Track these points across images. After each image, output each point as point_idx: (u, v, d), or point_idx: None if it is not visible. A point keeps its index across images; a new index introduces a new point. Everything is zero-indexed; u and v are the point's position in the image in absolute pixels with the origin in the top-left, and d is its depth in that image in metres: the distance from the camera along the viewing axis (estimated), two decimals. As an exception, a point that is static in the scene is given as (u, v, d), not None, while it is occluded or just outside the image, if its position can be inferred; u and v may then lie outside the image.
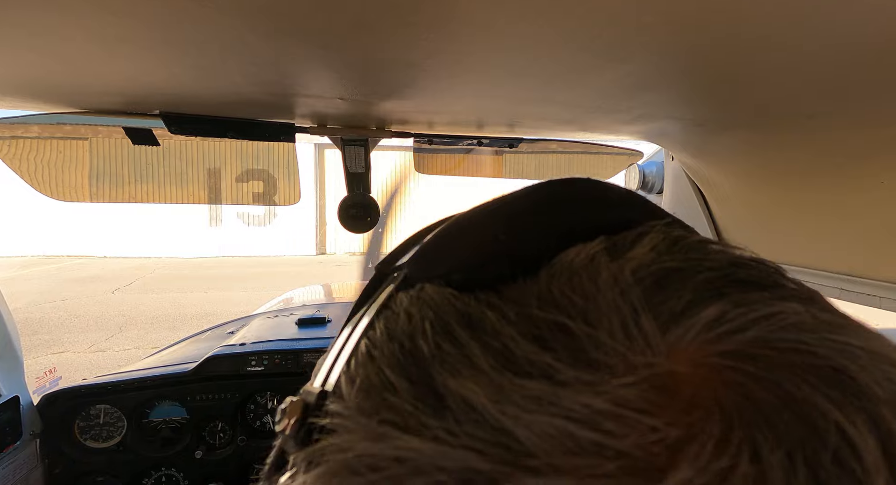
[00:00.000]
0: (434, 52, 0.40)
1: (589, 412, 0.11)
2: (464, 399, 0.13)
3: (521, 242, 0.17)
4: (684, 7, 0.30)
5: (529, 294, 0.15)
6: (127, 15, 0.34)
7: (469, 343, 0.14)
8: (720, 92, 0.49)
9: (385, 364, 0.15)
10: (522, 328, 0.14)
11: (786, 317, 0.13)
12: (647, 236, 0.17)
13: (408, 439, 0.13)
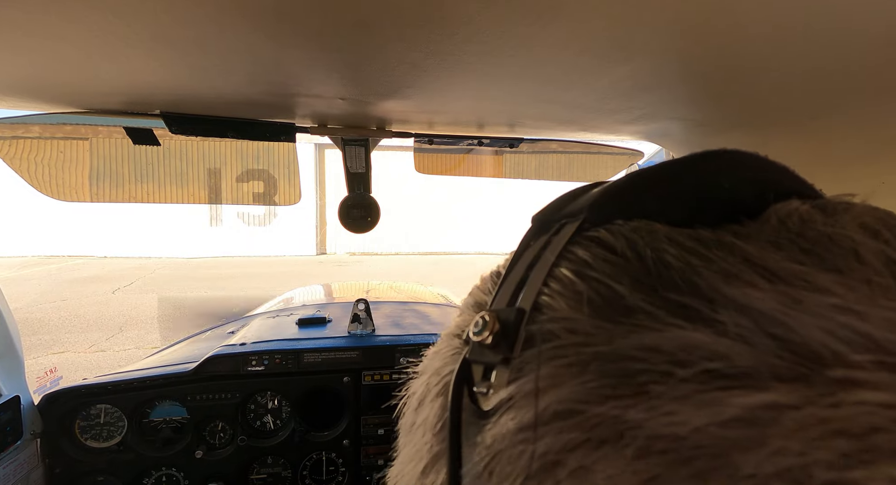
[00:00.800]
0: (434, 52, 0.40)
1: (890, 315, 0.11)
2: (740, 303, 0.12)
3: (737, 190, 0.17)
4: (685, 8, 0.30)
5: (763, 233, 0.15)
6: (128, 15, 0.34)
7: (725, 257, 0.14)
8: (721, 92, 0.49)
9: (612, 280, 0.15)
10: (777, 252, 0.14)
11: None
12: (854, 205, 0.16)
13: (675, 331, 0.13)
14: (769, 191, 0.17)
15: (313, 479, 1.17)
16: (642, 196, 0.17)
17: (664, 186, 0.18)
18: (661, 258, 0.15)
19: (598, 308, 0.14)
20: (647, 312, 0.13)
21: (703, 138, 0.71)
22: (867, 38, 0.32)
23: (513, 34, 0.36)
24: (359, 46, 0.40)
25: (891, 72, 0.37)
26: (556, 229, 0.18)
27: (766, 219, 0.15)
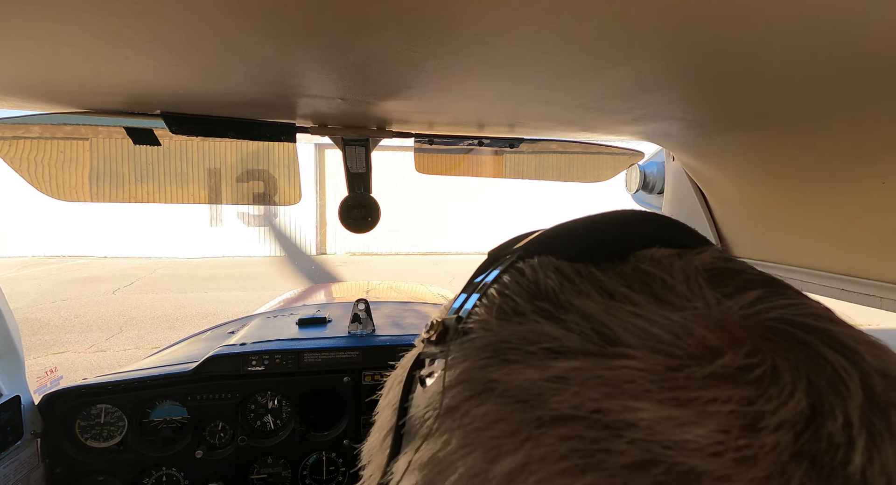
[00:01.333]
0: (435, 52, 0.40)
1: (666, 322, 0.18)
2: (581, 309, 0.19)
3: (614, 239, 0.24)
4: (685, 8, 0.30)
5: (621, 267, 0.22)
6: (128, 15, 0.34)
7: (583, 283, 0.21)
8: (721, 92, 0.49)
9: (516, 296, 0.22)
10: (619, 281, 0.21)
11: (808, 309, 0.19)
12: (707, 251, 0.23)
13: (534, 325, 0.19)
14: (641, 241, 0.23)
15: (313, 479, 1.17)
16: (556, 242, 0.25)
17: (572, 236, 0.25)
18: (544, 280, 0.22)
19: (503, 313, 0.21)
20: (525, 313, 0.20)
21: (702, 138, 0.71)
22: (868, 38, 0.32)
23: (513, 34, 0.36)
24: (359, 46, 0.40)
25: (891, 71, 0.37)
26: (500, 262, 0.25)
27: (630, 261, 0.22)
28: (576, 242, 0.24)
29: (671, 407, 0.15)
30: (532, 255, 0.24)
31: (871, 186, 0.54)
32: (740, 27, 0.32)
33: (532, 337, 0.19)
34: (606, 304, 0.19)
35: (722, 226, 0.89)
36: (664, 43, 0.36)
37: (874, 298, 0.62)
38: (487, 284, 0.24)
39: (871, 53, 0.34)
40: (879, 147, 0.50)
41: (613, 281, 0.20)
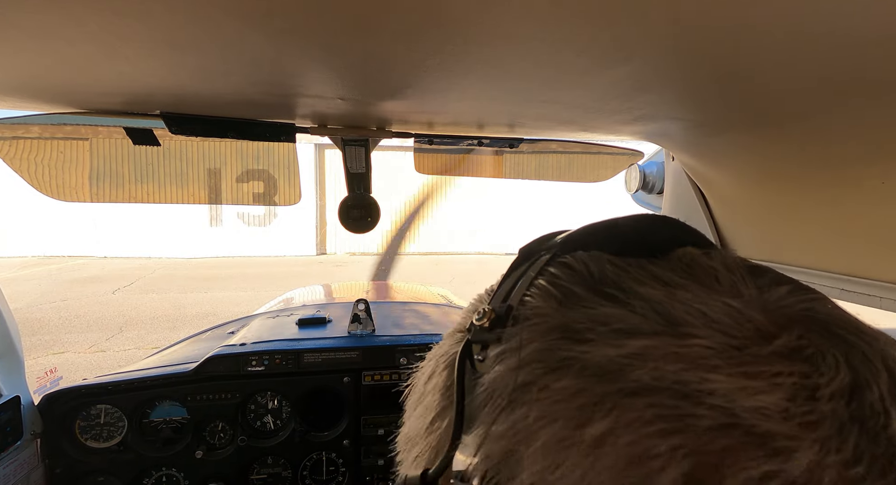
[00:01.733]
0: (434, 52, 0.40)
1: (725, 307, 0.20)
2: (643, 295, 0.21)
3: (655, 238, 0.26)
4: (685, 8, 0.30)
5: (666, 262, 0.24)
6: (128, 15, 0.34)
7: (640, 273, 0.23)
8: (720, 93, 0.49)
9: (573, 285, 0.23)
10: (671, 273, 0.23)
11: (827, 302, 0.22)
12: (728, 252, 0.25)
13: (602, 309, 0.21)
14: (676, 242, 0.26)
15: (313, 479, 1.17)
16: (597, 239, 0.26)
17: (613, 233, 0.27)
18: (602, 271, 0.24)
19: (560, 300, 0.23)
20: (588, 299, 0.22)
21: (702, 138, 0.71)
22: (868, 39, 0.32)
23: (513, 34, 0.36)
24: (359, 47, 0.40)
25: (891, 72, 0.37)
26: (537, 258, 0.27)
27: (670, 257, 0.25)
28: (617, 239, 0.26)
29: (743, 379, 0.17)
30: (574, 250, 0.26)
31: (871, 186, 0.54)
32: (740, 27, 0.32)
33: (602, 319, 0.21)
34: (666, 291, 0.21)
35: (721, 226, 0.89)
36: (664, 43, 0.36)
37: (874, 298, 0.62)
38: (533, 276, 0.25)
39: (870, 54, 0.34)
40: (879, 147, 0.50)
41: (666, 272, 0.23)
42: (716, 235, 0.90)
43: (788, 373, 0.17)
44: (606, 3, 0.30)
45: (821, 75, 0.40)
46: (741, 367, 0.17)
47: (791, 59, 0.37)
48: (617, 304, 0.21)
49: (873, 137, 0.49)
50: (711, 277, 0.22)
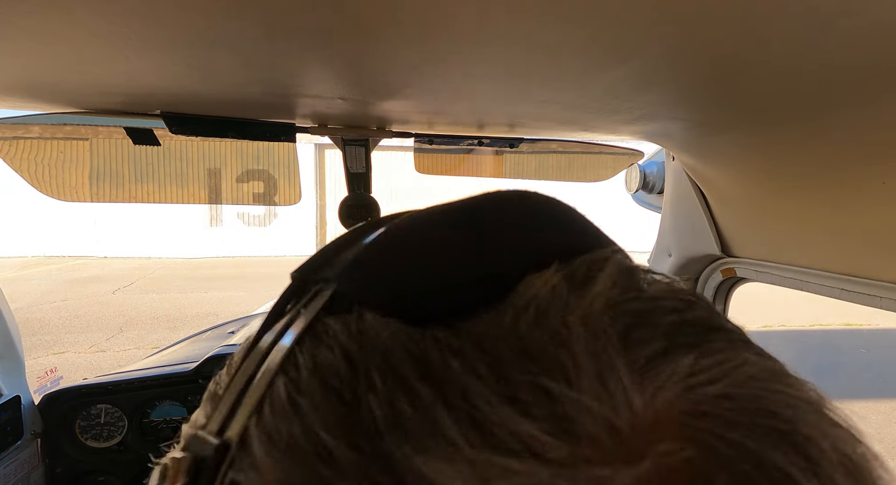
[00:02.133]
0: (434, 52, 0.40)
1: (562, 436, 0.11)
2: (426, 475, 0.11)
3: (487, 262, 0.15)
4: (685, 8, 0.30)
5: (495, 336, 0.13)
6: (128, 15, 0.34)
7: (434, 405, 0.12)
8: (721, 92, 0.49)
9: (319, 423, 0.12)
10: (496, 387, 0.12)
11: (746, 369, 0.13)
12: (606, 267, 0.16)
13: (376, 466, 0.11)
14: (519, 263, 0.16)
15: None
16: (391, 279, 0.16)
17: (420, 268, 0.16)
18: (361, 405, 0.12)
19: (292, 467, 0.12)
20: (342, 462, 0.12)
21: (703, 138, 0.71)
22: (868, 39, 0.32)
23: (513, 34, 0.36)
24: (359, 46, 0.40)
25: (891, 72, 0.37)
26: (306, 300, 0.16)
27: (507, 309, 0.14)
28: (418, 271, 0.15)
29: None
30: (350, 299, 0.15)
31: (872, 186, 0.54)
32: (740, 27, 0.32)
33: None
34: (475, 462, 0.11)
35: (722, 226, 0.89)
36: (664, 43, 0.36)
37: (874, 298, 0.62)
38: (278, 365, 0.14)
39: (870, 54, 0.34)
40: (879, 147, 0.50)
41: (484, 383, 0.12)
42: (716, 235, 0.90)
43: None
44: (606, 3, 0.30)
45: (821, 75, 0.40)
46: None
47: (791, 59, 0.37)
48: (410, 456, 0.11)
49: (873, 137, 0.49)
50: (559, 368, 0.12)
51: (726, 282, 0.97)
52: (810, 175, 0.62)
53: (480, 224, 0.17)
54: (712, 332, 0.15)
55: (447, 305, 0.14)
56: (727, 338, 0.15)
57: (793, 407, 0.13)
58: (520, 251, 0.16)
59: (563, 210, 0.19)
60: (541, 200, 0.18)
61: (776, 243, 0.78)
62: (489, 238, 0.16)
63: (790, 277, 0.76)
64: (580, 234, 0.18)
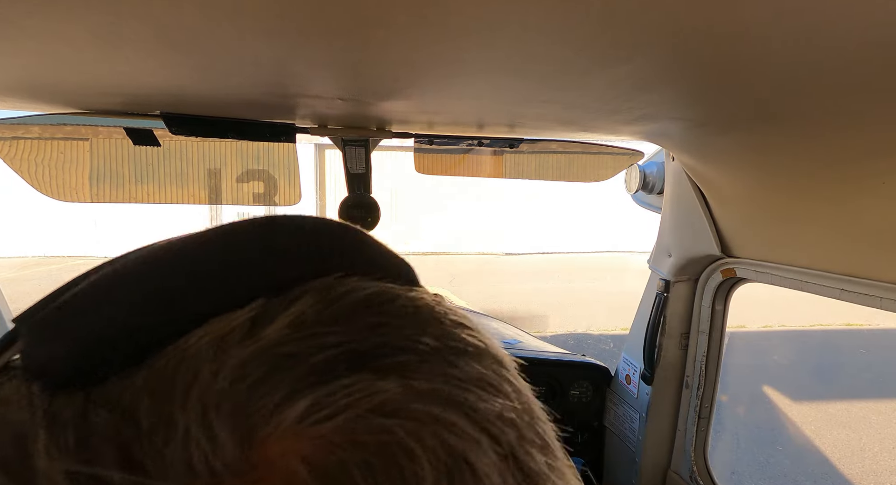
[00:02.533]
0: (434, 52, 0.40)
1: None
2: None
3: (171, 309, 0.15)
4: (685, 8, 0.30)
5: (113, 398, 0.13)
6: (128, 16, 0.34)
7: (49, 468, 0.12)
8: (721, 93, 0.49)
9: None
10: (107, 447, 0.12)
11: (372, 399, 0.13)
12: (298, 302, 0.15)
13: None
14: (227, 303, 0.15)
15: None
16: (61, 326, 0.15)
17: (92, 315, 0.15)
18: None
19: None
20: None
21: (702, 138, 0.71)
22: (867, 39, 0.32)
23: (512, 34, 0.36)
24: (359, 47, 0.40)
25: (891, 72, 0.37)
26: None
27: (140, 369, 0.14)
28: (78, 330, 0.15)
29: None
30: (24, 355, 0.15)
31: (872, 186, 0.54)
32: (740, 28, 0.32)
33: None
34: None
35: (721, 226, 0.89)
36: (664, 43, 0.36)
37: (874, 298, 0.62)
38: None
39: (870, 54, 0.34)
40: (879, 147, 0.50)
41: (96, 444, 0.12)
42: (716, 236, 0.90)
43: None
44: (606, 3, 0.30)
45: (821, 76, 0.40)
46: None
47: (791, 59, 0.37)
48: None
49: (873, 137, 0.49)
50: (169, 425, 0.13)
51: (726, 282, 0.97)
52: (810, 175, 0.62)
53: (181, 266, 0.16)
54: (372, 359, 0.14)
55: (96, 369, 0.14)
56: (388, 365, 0.14)
57: (411, 433, 0.13)
58: (219, 292, 0.15)
59: (309, 234, 0.17)
60: (286, 228, 0.17)
61: (776, 244, 0.78)
62: (184, 280, 0.15)
63: (790, 278, 0.76)
64: (319, 259, 0.17)
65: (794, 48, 0.35)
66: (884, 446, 3.25)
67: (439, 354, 0.15)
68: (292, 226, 0.17)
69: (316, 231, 0.18)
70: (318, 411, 0.13)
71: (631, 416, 1.18)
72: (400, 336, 0.15)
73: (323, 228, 0.18)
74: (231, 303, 0.15)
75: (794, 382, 4.17)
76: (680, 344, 1.07)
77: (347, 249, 0.18)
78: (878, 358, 4.78)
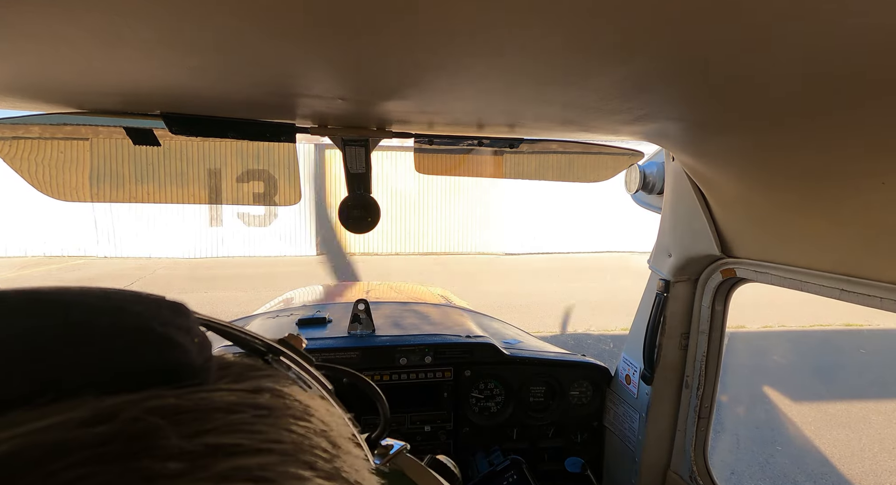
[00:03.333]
0: (434, 52, 0.40)
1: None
2: None
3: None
4: (684, 9, 0.30)
5: None
6: (128, 16, 0.34)
7: None
8: (721, 93, 0.49)
9: None
10: None
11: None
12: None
13: None
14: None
15: (313, 479, 1.17)
16: None
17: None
18: None
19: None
20: None
21: (702, 139, 0.71)
22: (867, 39, 0.32)
23: (512, 35, 0.36)
24: (359, 46, 0.40)
25: (891, 72, 0.37)
26: None
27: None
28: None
29: None
30: None
31: (871, 185, 0.54)
32: (740, 28, 0.32)
33: None
34: None
35: (722, 226, 0.89)
36: (664, 43, 0.36)
37: (874, 299, 0.62)
38: None
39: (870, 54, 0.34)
40: (879, 147, 0.50)
41: None
42: (716, 236, 0.90)
43: None
44: (606, 3, 0.30)
45: (821, 76, 0.40)
46: None
47: (791, 59, 0.37)
48: None
49: (873, 137, 0.49)
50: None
51: (726, 282, 0.97)
52: (810, 175, 0.62)
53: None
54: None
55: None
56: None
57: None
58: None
59: (111, 317, 0.17)
60: (85, 310, 0.16)
61: (776, 244, 0.78)
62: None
63: (790, 278, 0.76)
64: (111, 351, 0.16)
65: (794, 49, 0.35)
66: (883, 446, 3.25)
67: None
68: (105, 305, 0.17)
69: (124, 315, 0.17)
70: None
71: (631, 416, 1.18)
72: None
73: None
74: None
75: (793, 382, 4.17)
76: (680, 344, 1.08)
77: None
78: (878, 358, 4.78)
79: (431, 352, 1.21)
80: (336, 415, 0.22)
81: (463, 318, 1.61)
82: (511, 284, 8.02)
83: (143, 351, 0.17)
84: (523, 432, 1.29)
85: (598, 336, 5.43)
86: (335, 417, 0.21)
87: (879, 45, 0.33)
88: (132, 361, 0.17)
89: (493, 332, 1.55)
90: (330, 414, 0.21)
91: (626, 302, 6.48)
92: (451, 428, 1.24)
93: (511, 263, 10.56)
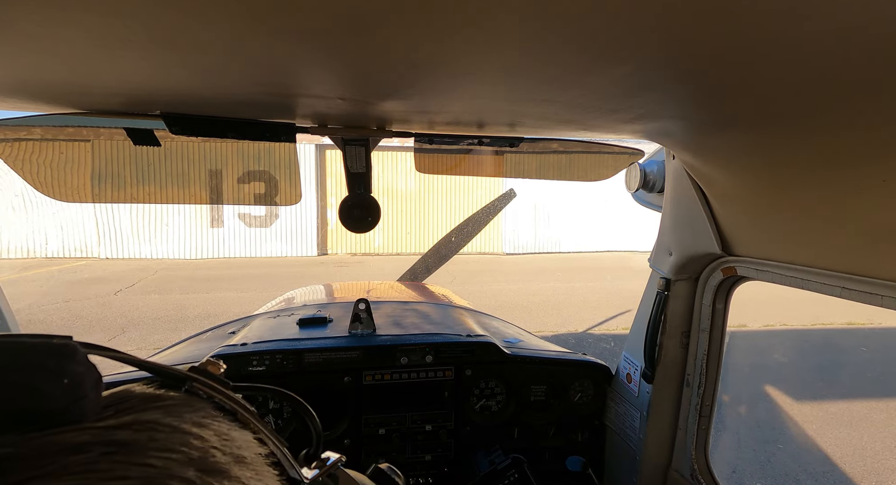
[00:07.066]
0: (434, 52, 0.40)
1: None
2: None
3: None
4: (685, 8, 0.30)
5: None
6: (128, 16, 0.34)
7: None
8: (721, 91, 0.49)
9: None
10: None
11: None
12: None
13: None
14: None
15: (315, 479, 1.17)
16: None
17: None
18: None
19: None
20: None
21: (703, 137, 0.71)
22: (867, 38, 0.32)
23: (512, 34, 0.36)
24: (359, 46, 0.40)
25: (891, 71, 0.37)
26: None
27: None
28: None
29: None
30: None
31: (872, 184, 0.54)
32: (740, 27, 0.32)
33: None
34: None
35: (722, 224, 0.89)
36: (664, 42, 0.36)
37: (875, 296, 0.62)
38: None
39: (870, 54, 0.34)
40: (880, 146, 0.50)
41: None
42: (716, 234, 0.90)
43: None
44: (606, 3, 0.30)
45: (822, 74, 0.40)
46: None
47: (792, 57, 0.37)
48: None
49: (874, 135, 0.49)
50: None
51: (727, 280, 0.97)
52: (811, 173, 0.62)
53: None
54: None
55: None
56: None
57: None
58: None
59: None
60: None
61: (777, 242, 0.78)
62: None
63: (791, 276, 0.76)
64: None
65: (795, 47, 0.35)
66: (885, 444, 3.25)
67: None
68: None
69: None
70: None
71: (632, 414, 1.18)
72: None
73: None
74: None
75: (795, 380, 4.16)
76: (681, 343, 1.07)
77: None
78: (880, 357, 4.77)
79: (432, 351, 1.21)
80: (238, 439, 0.22)
81: (464, 317, 1.61)
82: (511, 284, 8.02)
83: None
84: (524, 432, 1.29)
85: (598, 335, 5.43)
86: (235, 440, 0.22)
87: (880, 43, 0.33)
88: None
89: (494, 331, 1.55)
90: (226, 438, 0.21)
91: (627, 301, 6.48)
92: (452, 427, 1.25)
93: (512, 262, 10.55)
